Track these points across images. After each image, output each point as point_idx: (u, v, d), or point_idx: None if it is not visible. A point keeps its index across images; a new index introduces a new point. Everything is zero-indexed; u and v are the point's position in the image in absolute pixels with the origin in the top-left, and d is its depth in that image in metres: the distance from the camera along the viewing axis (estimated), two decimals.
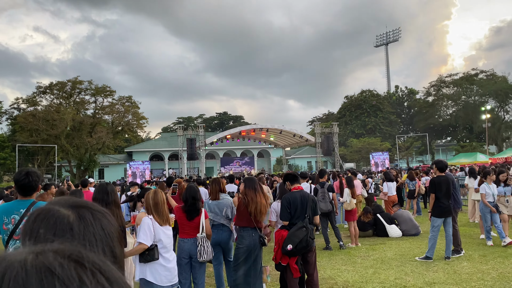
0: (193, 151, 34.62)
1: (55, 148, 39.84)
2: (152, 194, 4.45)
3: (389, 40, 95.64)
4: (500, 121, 56.23)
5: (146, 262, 4.23)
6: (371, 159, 37.68)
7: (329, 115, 78.11)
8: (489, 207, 8.85)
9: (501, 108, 58.74)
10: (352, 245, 9.56)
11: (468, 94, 59.60)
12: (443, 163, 8.15)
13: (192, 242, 5.20)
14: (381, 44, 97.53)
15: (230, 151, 59.20)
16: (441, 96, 61.79)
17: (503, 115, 59.09)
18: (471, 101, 58.56)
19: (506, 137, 57.26)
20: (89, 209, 0.86)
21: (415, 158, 59.58)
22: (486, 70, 60.17)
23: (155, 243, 4.28)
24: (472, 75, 59.58)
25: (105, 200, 4.46)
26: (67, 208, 0.84)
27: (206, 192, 12.16)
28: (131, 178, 30.81)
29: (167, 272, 4.32)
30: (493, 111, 53.73)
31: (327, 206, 9.44)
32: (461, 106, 59.35)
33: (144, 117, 48.15)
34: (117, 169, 53.57)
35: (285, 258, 5.25)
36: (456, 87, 60.35)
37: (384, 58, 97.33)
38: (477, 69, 61.06)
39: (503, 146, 55.26)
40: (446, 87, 61.71)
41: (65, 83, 44.09)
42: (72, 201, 0.87)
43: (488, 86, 55.92)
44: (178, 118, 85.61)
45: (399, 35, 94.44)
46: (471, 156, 35.13)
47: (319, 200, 9.44)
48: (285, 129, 38.16)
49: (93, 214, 0.85)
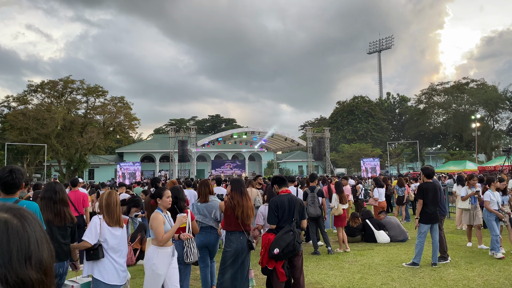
0: (184, 153, 34.54)
1: (45, 147, 39.48)
2: (106, 195, 4.56)
3: (382, 47, 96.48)
4: (489, 130, 56.87)
5: (90, 260, 4.30)
6: (362, 164, 37.86)
7: (321, 120, 78.47)
8: (494, 213, 8.55)
9: (490, 117, 59.44)
10: (340, 250, 9.57)
11: (459, 103, 60.23)
12: (430, 169, 8.18)
13: (177, 244, 5.17)
14: (374, 51, 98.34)
15: (222, 153, 59.11)
16: (432, 104, 62.38)
17: (492, 124, 59.78)
18: (461, 110, 59.18)
19: (495, 146, 57.88)
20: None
21: (405, 165, 60.02)
22: (476, 79, 61.04)
23: (100, 243, 4.32)
24: (463, 84, 60.27)
25: (53, 198, 4.57)
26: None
27: (195, 193, 12.11)
28: (121, 179, 30.59)
29: (114, 271, 4.36)
30: (482, 120, 54.38)
31: (316, 211, 9.45)
32: (451, 114, 59.95)
33: (136, 118, 47.89)
34: (108, 170, 53.21)
35: (271, 262, 5.24)
36: (447, 96, 60.98)
37: (377, 65, 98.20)
38: (468, 78, 61.85)
39: (492, 154, 55.87)
40: (437, 95, 62.34)
41: (56, 82, 43.72)
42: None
43: (478, 95, 56.58)
44: (170, 120, 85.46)
45: (392, 43, 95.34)
46: (460, 164, 35.50)
47: (308, 205, 9.44)
48: (276, 133, 38.24)
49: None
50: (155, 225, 4.59)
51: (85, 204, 8.90)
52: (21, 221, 0.82)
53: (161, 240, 4.56)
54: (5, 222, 0.79)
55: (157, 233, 4.58)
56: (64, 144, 42.79)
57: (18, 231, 0.80)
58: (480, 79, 60.76)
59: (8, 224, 0.80)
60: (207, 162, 57.54)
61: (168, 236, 4.61)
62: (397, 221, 11.43)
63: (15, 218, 0.81)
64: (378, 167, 37.52)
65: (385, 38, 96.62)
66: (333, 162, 49.86)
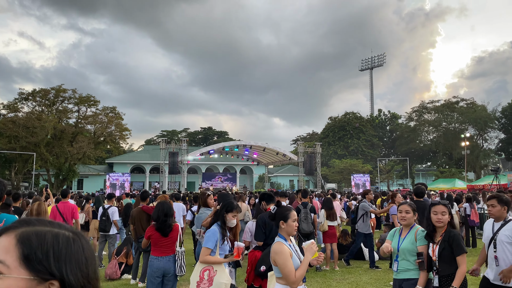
0: (175, 165, 34.33)
1: (33, 156, 39.04)
2: (36, 206, 4.65)
3: (374, 65, 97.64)
4: (478, 149, 57.53)
5: None
6: (352, 180, 37.95)
7: (313, 135, 78.83)
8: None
9: (479, 136, 60.18)
10: (327, 268, 9.51)
11: (449, 121, 60.97)
12: (420, 189, 8.18)
13: (167, 260, 5.12)
14: (366, 68, 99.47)
15: (213, 166, 58.94)
16: (422, 122, 63.07)
17: (481, 143, 60.51)
18: (451, 128, 59.88)
19: (484, 164, 58.52)
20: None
21: (395, 182, 60.30)
22: (466, 98, 61.92)
23: None
24: (453, 102, 61.11)
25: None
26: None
27: (184, 207, 12.03)
28: (109, 190, 30.28)
29: None
30: (472, 138, 55.01)
31: (309, 227, 9.33)
32: (441, 132, 60.61)
33: (127, 128, 47.68)
34: (97, 180, 52.71)
35: (257, 279, 5.18)
36: (437, 114, 61.73)
37: (369, 82, 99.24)
38: (458, 97, 62.80)
39: (481, 173, 56.40)
40: (428, 113, 63.08)
41: (48, 91, 43.47)
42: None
43: (468, 114, 57.36)
44: (162, 131, 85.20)
45: (384, 61, 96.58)
46: (449, 182, 35.77)
47: (301, 220, 9.34)
48: (268, 147, 38.26)
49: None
50: (282, 261, 3.42)
51: (74, 216, 8.81)
52: (81, 239, 0.92)
53: (294, 280, 3.39)
54: (76, 239, 0.91)
55: (286, 271, 3.40)
56: (54, 153, 42.38)
57: (85, 246, 0.91)
58: (470, 98, 61.74)
59: (80, 241, 0.91)
60: (198, 174, 57.29)
61: (301, 274, 3.45)
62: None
63: (77, 236, 0.92)
64: (368, 183, 37.61)
65: (377, 56, 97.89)
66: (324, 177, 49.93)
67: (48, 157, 41.10)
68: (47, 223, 0.92)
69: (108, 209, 10.04)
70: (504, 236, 4.17)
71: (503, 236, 4.17)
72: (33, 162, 39.36)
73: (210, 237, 4.49)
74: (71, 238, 0.89)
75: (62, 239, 0.87)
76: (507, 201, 4.32)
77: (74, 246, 0.88)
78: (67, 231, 0.91)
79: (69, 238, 0.89)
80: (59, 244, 0.86)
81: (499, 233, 4.23)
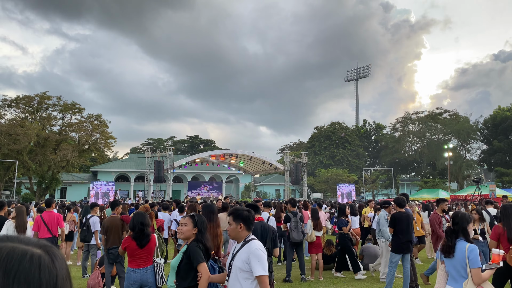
0: (161, 174, 34.11)
1: (15, 163, 38.33)
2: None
3: (359, 75, 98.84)
4: (461, 160, 58.51)
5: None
6: (338, 190, 38.16)
7: (299, 144, 79.22)
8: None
9: (462, 147, 61.25)
10: (311, 279, 9.52)
11: (432, 132, 61.96)
12: (400, 199, 8.23)
13: (144, 272, 5.08)
14: (351, 79, 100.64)
15: (199, 175, 58.65)
16: (407, 132, 63.97)
17: (464, 154, 61.59)
18: (435, 139, 60.83)
19: (467, 175, 59.48)
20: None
21: (380, 191, 60.80)
22: (449, 110, 63.15)
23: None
24: (436, 114, 62.22)
25: None
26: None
27: (169, 217, 11.93)
28: (93, 199, 29.86)
29: None
30: (455, 149, 55.94)
31: (299, 236, 9.26)
32: (425, 143, 61.51)
33: (112, 136, 47.23)
34: (81, 189, 51.94)
35: None
36: (421, 125, 62.71)
37: (354, 92, 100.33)
38: (442, 108, 64.01)
39: (464, 183, 57.28)
40: (412, 124, 64.06)
41: (32, 98, 42.86)
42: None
43: (451, 125, 58.43)
44: (148, 139, 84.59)
45: (369, 71, 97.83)
46: (433, 192, 36.19)
47: (292, 229, 9.27)
48: (254, 156, 38.29)
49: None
50: None
51: (60, 224, 8.76)
52: (51, 257, 0.90)
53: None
54: (38, 257, 0.88)
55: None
56: (37, 161, 41.65)
57: (48, 266, 0.88)
58: (453, 110, 62.99)
59: (41, 260, 0.88)
60: (183, 183, 56.92)
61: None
62: (376, 250, 11.21)
63: (47, 255, 0.90)
64: (353, 192, 37.88)
65: (362, 67, 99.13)
66: (309, 186, 50.11)
67: (30, 165, 40.38)
68: (15, 239, 0.91)
69: (90, 219, 9.91)
70: None
71: None
72: (15, 170, 38.63)
73: None
74: (32, 255, 0.87)
75: (17, 255, 0.86)
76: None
77: (30, 264, 0.86)
78: (35, 248, 0.89)
79: (26, 255, 0.87)
80: (12, 260, 0.85)
81: None
